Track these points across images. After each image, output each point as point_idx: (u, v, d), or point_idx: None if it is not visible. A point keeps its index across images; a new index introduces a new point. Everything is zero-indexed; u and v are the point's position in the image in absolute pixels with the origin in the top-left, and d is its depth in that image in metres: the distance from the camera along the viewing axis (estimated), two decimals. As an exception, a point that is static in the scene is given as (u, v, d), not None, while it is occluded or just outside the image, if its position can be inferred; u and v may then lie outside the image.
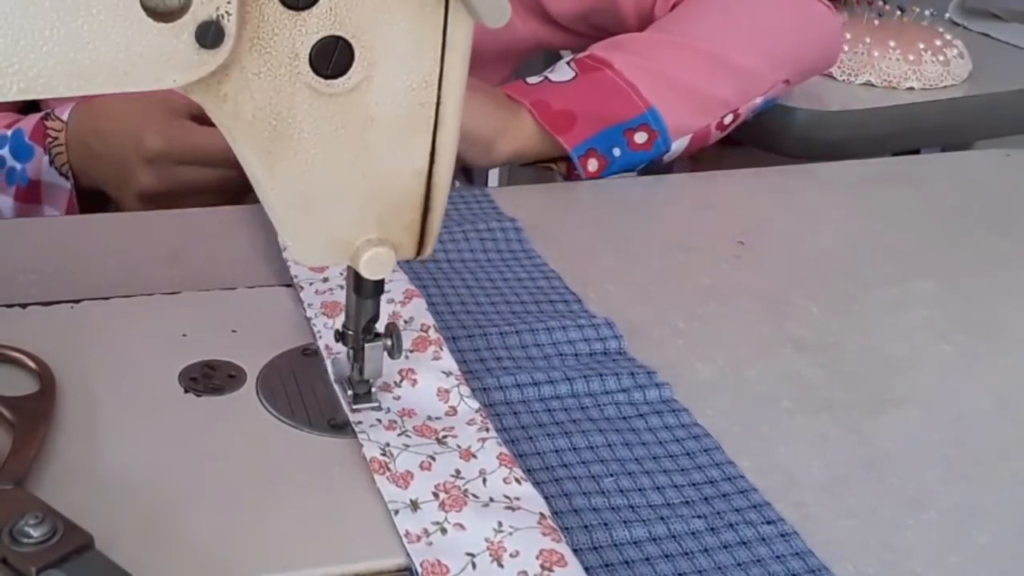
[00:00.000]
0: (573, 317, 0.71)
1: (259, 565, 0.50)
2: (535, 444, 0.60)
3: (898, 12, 1.40)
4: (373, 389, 0.60)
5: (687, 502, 0.56)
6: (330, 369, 0.63)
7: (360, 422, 0.58)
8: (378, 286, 0.58)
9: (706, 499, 0.57)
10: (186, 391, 0.62)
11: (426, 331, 0.65)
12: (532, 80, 0.96)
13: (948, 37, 1.36)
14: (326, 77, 0.50)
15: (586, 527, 0.54)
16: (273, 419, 0.60)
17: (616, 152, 0.94)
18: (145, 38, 0.46)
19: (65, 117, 0.91)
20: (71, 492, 0.53)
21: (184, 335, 0.66)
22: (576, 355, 0.68)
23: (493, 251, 0.80)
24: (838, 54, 1.12)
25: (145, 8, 0.46)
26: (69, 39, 0.45)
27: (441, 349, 0.64)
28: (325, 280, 0.71)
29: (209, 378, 0.62)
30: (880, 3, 1.46)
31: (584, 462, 0.59)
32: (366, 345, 0.59)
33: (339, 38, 0.50)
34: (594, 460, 0.59)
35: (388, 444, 0.57)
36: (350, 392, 0.60)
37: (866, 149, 1.18)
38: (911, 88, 1.31)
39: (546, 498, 0.55)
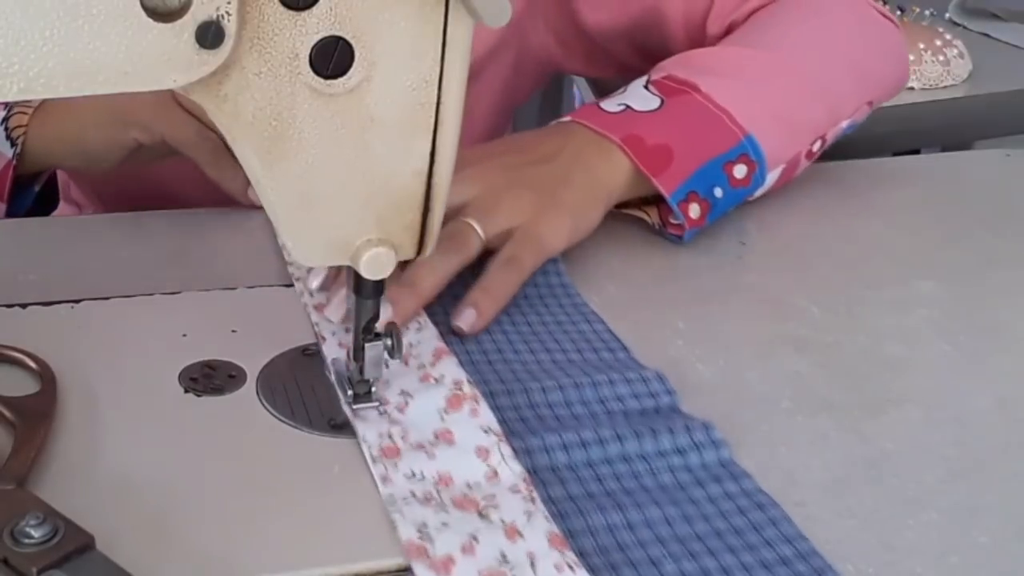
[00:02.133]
0: (621, 369, 0.65)
1: (259, 565, 0.50)
2: (586, 519, 0.54)
3: (898, 12, 1.41)
4: (373, 389, 0.60)
5: None
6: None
7: (392, 495, 0.53)
8: (378, 286, 0.58)
9: None
10: (186, 391, 0.62)
11: (459, 387, 0.61)
12: (608, 106, 0.81)
13: (948, 37, 1.36)
14: (326, 77, 0.50)
15: None
16: (273, 419, 0.60)
17: (718, 192, 0.81)
18: (145, 38, 0.46)
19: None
20: (72, 492, 0.53)
21: (184, 335, 0.66)
22: (625, 412, 0.62)
23: (530, 285, 0.74)
24: (908, 72, 1.01)
25: (145, 8, 0.46)
26: (69, 39, 0.45)
27: (478, 404, 0.59)
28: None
29: (209, 378, 0.63)
30: (880, 3, 1.46)
31: (641, 543, 0.53)
32: (366, 345, 0.59)
33: (339, 38, 0.50)
34: (652, 540, 0.53)
35: (425, 524, 0.52)
36: (350, 392, 0.60)
37: (866, 149, 1.18)
38: (911, 88, 1.31)
39: None
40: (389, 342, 0.59)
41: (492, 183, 0.74)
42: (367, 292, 0.58)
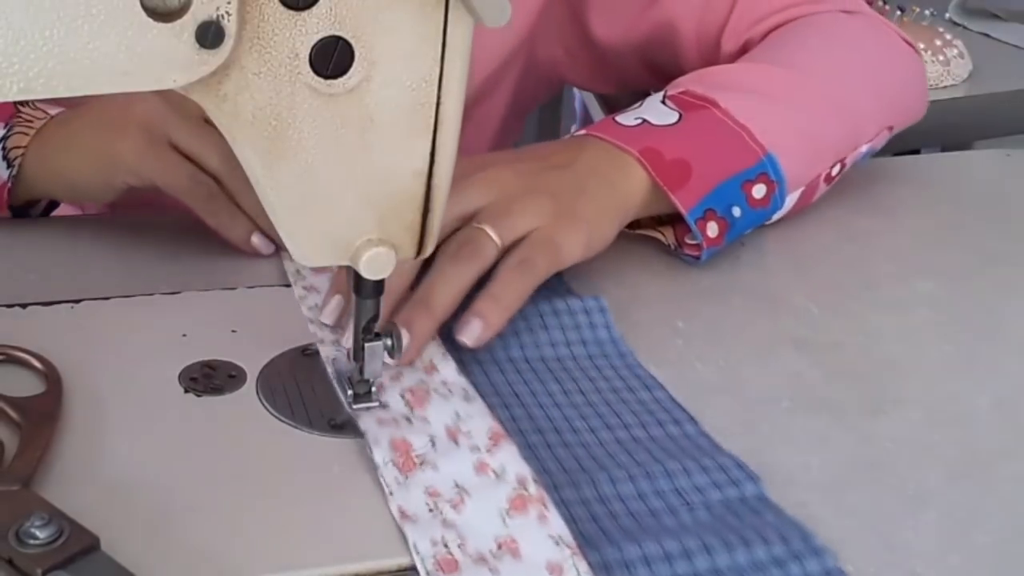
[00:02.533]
0: (694, 451, 0.59)
1: (259, 565, 0.50)
2: None
3: (898, 12, 1.40)
4: (373, 389, 0.60)
5: None
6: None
7: None
8: (378, 286, 0.58)
9: None
10: (186, 391, 0.62)
11: (524, 486, 0.54)
12: (625, 120, 0.78)
13: (948, 37, 1.36)
14: (326, 77, 0.50)
15: None
16: (273, 419, 0.60)
17: (736, 212, 0.78)
18: (145, 38, 0.46)
19: (54, 112, 0.81)
20: (76, 493, 0.53)
21: (184, 335, 0.66)
22: (707, 505, 0.55)
23: (577, 343, 0.68)
24: (926, 100, 0.96)
25: (145, 8, 0.46)
26: (69, 39, 0.45)
27: (547, 508, 0.53)
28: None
29: (209, 378, 0.63)
30: (880, 3, 1.46)
31: None
32: (366, 345, 0.59)
33: (339, 38, 0.50)
34: None
35: None
36: (350, 392, 0.60)
37: (866, 149, 1.18)
38: (911, 88, 1.30)
39: None
40: (389, 342, 0.59)
41: (506, 187, 0.70)
42: (367, 292, 0.58)
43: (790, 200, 0.82)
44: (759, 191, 0.78)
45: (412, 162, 0.54)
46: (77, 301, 0.69)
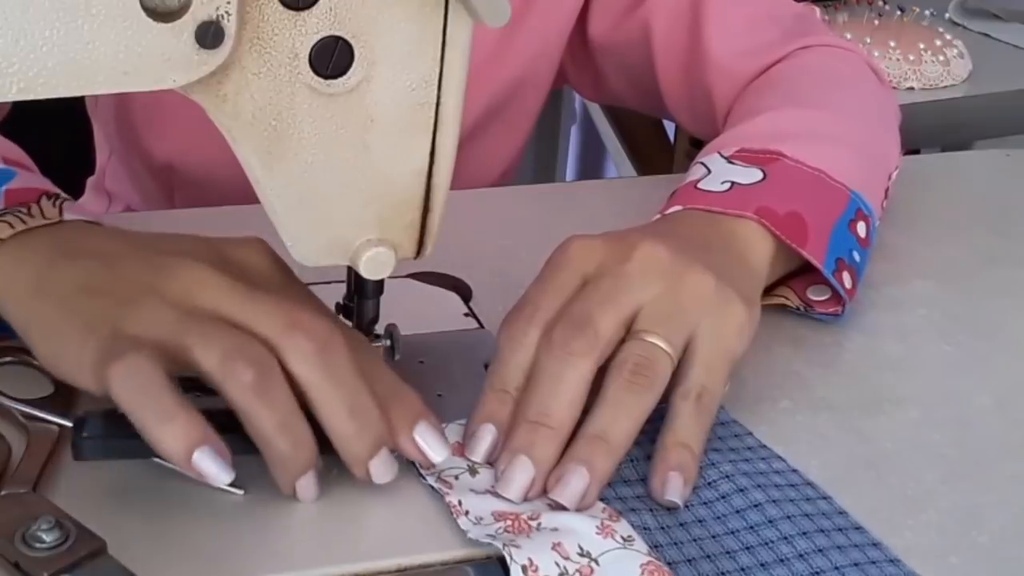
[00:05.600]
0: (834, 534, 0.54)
1: (260, 565, 0.50)
2: None
3: (898, 12, 1.40)
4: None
5: None
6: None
7: None
8: (378, 286, 0.58)
9: None
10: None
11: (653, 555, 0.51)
12: (710, 186, 0.71)
13: (948, 37, 1.36)
14: (326, 77, 0.51)
15: None
16: (273, 419, 0.60)
17: (856, 257, 0.72)
18: (145, 38, 0.46)
19: (69, 216, 0.61)
20: (83, 495, 0.53)
21: (184, 335, 0.66)
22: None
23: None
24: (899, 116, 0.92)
25: (145, 8, 0.46)
26: (69, 39, 0.45)
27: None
28: None
29: (209, 378, 0.62)
30: (880, 3, 1.46)
31: None
32: (366, 345, 0.59)
33: (339, 38, 0.50)
34: None
35: None
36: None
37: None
38: (911, 88, 1.31)
39: None
40: (389, 343, 0.59)
41: (665, 273, 0.60)
42: (367, 292, 0.58)
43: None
44: (862, 229, 0.73)
45: (412, 162, 0.54)
46: (77, 301, 0.69)
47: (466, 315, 0.71)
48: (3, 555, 0.48)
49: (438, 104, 0.53)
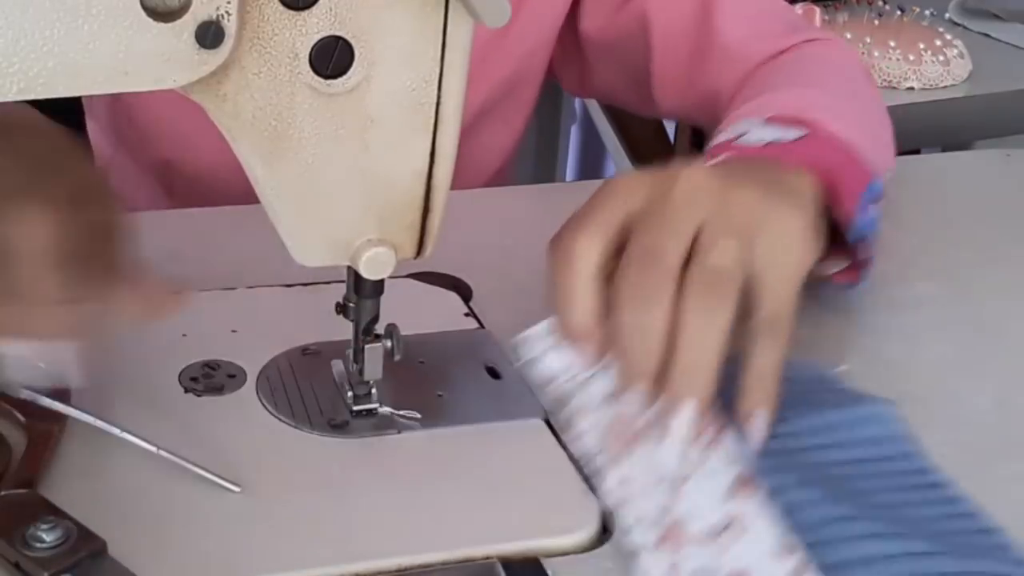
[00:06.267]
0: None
1: (259, 565, 0.50)
2: None
3: (898, 12, 1.40)
4: (373, 390, 0.60)
5: None
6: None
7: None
8: (378, 286, 0.58)
9: None
10: (186, 391, 0.62)
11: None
12: (751, 141, 0.71)
13: (948, 37, 1.36)
14: (326, 77, 0.51)
15: None
16: (273, 419, 0.60)
17: (870, 232, 0.70)
18: (145, 38, 0.46)
19: None
20: (83, 495, 0.53)
21: (184, 335, 0.66)
22: None
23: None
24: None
25: (145, 8, 0.46)
26: (69, 39, 0.45)
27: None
28: None
29: (209, 378, 0.63)
30: (880, 3, 1.46)
31: None
32: (366, 346, 0.59)
33: (339, 38, 0.50)
34: None
35: None
36: (350, 393, 0.60)
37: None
38: (911, 88, 1.31)
39: None
40: (389, 343, 0.59)
41: (715, 192, 0.60)
42: (367, 292, 0.58)
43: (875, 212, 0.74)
44: (874, 211, 0.71)
45: (412, 162, 0.54)
46: (77, 301, 0.69)
47: (466, 315, 0.71)
48: (3, 555, 0.48)
49: (438, 104, 0.53)
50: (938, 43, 1.34)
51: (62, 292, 0.52)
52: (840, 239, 0.69)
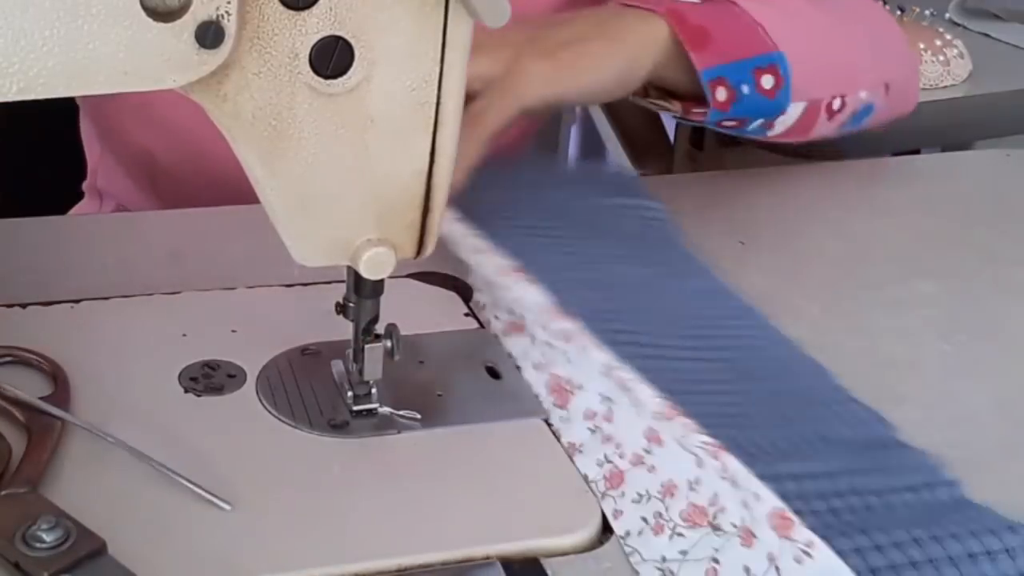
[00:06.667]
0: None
1: (259, 565, 0.50)
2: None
3: (898, 12, 1.40)
4: (373, 390, 0.60)
5: None
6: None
7: (628, 531, 0.54)
8: (378, 286, 0.58)
9: None
10: (186, 391, 0.62)
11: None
12: None
13: (948, 37, 1.36)
14: (326, 77, 0.50)
15: None
16: (273, 419, 0.60)
17: (745, 89, 0.78)
18: (145, 38, 0.46)
19: None
20: (83, 495, 0.53)
21: (184, 335, 0.66)
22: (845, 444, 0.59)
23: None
24: (917, 71, 0.99)
25: (145, 8, 0.46)
26: (69, 39, 0.45)
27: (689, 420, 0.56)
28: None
29: (209, 378, 0.62)
30: (880, 3, 1.46)
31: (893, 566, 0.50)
32: (366, 346, 0.59)
33: (339, 38, 0.50)
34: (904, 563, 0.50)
35: (664, 558, 0.52)
36: (350, 393, 0.60)
37: (866, 149, 1.18)
38: (911, 88, 1.30)
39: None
40: (389, 343, 0.59)
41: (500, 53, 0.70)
42: (367, 292, 0.58)
43: (793, 111, 0.81)
44: (767, 81, 0.79)
45: (412, 162, 0.54)
46: (77, 301, 0.69)
47: (466, 315, 0.71)
48: (3, 555, 0.48)
49: (438, 104, 0.53)
50: (938, 43, 1.34)
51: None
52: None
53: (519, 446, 0.60)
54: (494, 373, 0.65)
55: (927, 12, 1.40)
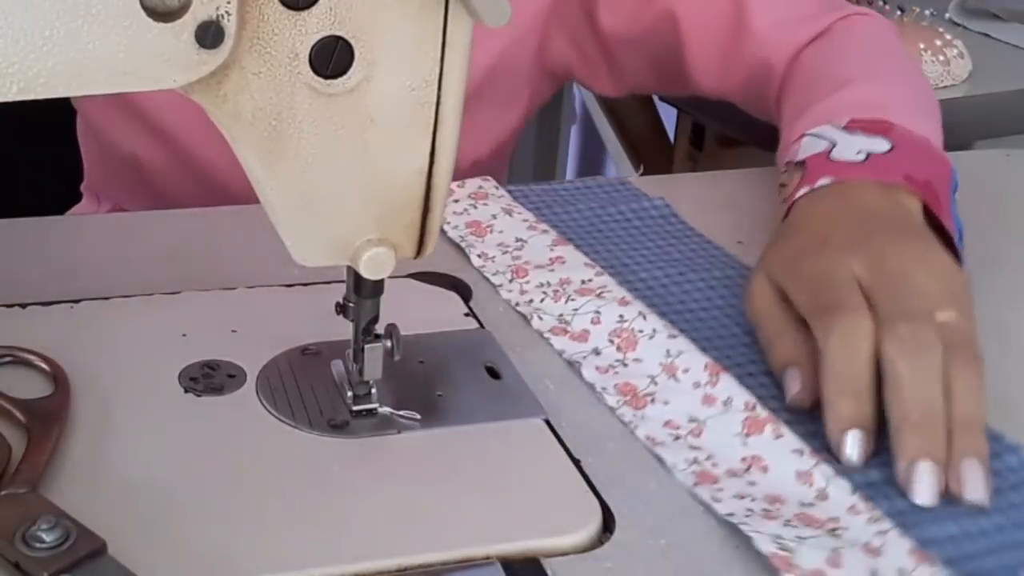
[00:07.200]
0: None
1: (259, 565, 0.50)
2: (926, 530, 0.53)
3: (898, 12, 1.40)
4: (373, 390, 0.60)
5: None
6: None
7: (732, 512, 0.54)
8: (378, 286, 0.58)
9: None
10: (186, 391, 0.62)
11: (753, 409, 0.60)
12: (846, 156, 0.73)
13: (948, 37, 1.36)
14: (326, 77, 0.50)
15: None
16: (273, 419, 0.60)
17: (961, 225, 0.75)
18: (145, 38, 0.46)
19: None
20: (82, 495, 0.53)
21: (184, 335, 0.66)
22: None
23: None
24: None
25: (145, 8, 0.46)
26: (69, 39, 0.45)
27: (780, 426, 0.59)
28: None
29: (209, 378, 0.63)
30: (880, 3, 1.46)
31: (993, 551, 0.52)
32: (366, 346, 0.59)
33: (339, 38, 0.50)
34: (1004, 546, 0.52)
35: (780, 536, 0.52)
36: (350, 393, 0.60)
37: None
38: (911, 88, 1.30)
39: None
40: (389, 343, 0.59)
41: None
42: (367, 292, 0.58)
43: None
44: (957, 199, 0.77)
45: (412, 162, 0.54)
46: (77, 301, 0.69)
47: (466, 315, 0.71)
48: (3, 555, 0.48)
49: (438, 104, 0.53)
50: (938, 43, 1.34)
51: None
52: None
53: (519, 446, 0.60)
54: (494, 373, 0.65)
55: (927, 12, 1.40)
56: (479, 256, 0.77)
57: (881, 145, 0.73)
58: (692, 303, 0.74)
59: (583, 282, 0.72)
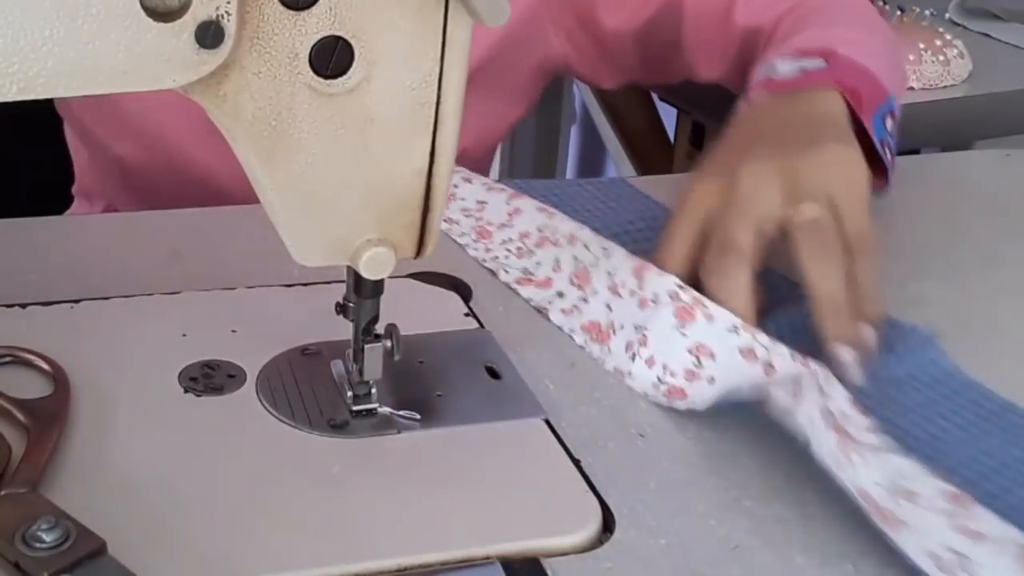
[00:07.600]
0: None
1: (259, 565, 0.50)
2: None
3: (898, 12, 1.40)
4: (373, 390, 0.60)
5: None
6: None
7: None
8: (378, 286, 0.58)
9: None
10: (186, 391, 0.62)
11: (677, 298, 0.64)
12: (784, 71, 0.82)
13: (948, 37, 1.36)
14: (326, 77, 0.51)
15: None
16: (273, 419, 0.60)
17: (890, 141, 0.82)
18: (145, 38, 0.46)
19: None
20: (82, 495, 0.53)
21: (184, 335, 0.66)
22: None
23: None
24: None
25: (145, 8, 0.46)
26: (69, 39, 0.45)
27: (707, 307, 0.64)
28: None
29: (209, 378, 0.63)
30: (880, 3, 1.46)
31: None
32: (366, 346, 0.59)
33: (339, 38, 0.50)
34: None
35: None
36: (350, 393, 0.60)
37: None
38: (911, 88, 1.30)
39: None
40: (389, 343, 0.59)
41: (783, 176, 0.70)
42: (367, 292, 0.58)
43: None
44: (890, 125, 0.82)
45: (412, 162, 0.54)
46: (77, 301, 0.69)
47: (466, 315, 0.71)
48: (3, 555, 0.48)
49: (438, 104, 0.53)
50: (938, 43, 1.34)
51: None
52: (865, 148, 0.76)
53: (519, 446, 0.60)
54: (494, 373, 0.65)
55: (927, 12, 1.40)
56: (445, 221, 0.79)
57: (816, 64, 0.81)
58: None
59: (539, 230, 0.77)
